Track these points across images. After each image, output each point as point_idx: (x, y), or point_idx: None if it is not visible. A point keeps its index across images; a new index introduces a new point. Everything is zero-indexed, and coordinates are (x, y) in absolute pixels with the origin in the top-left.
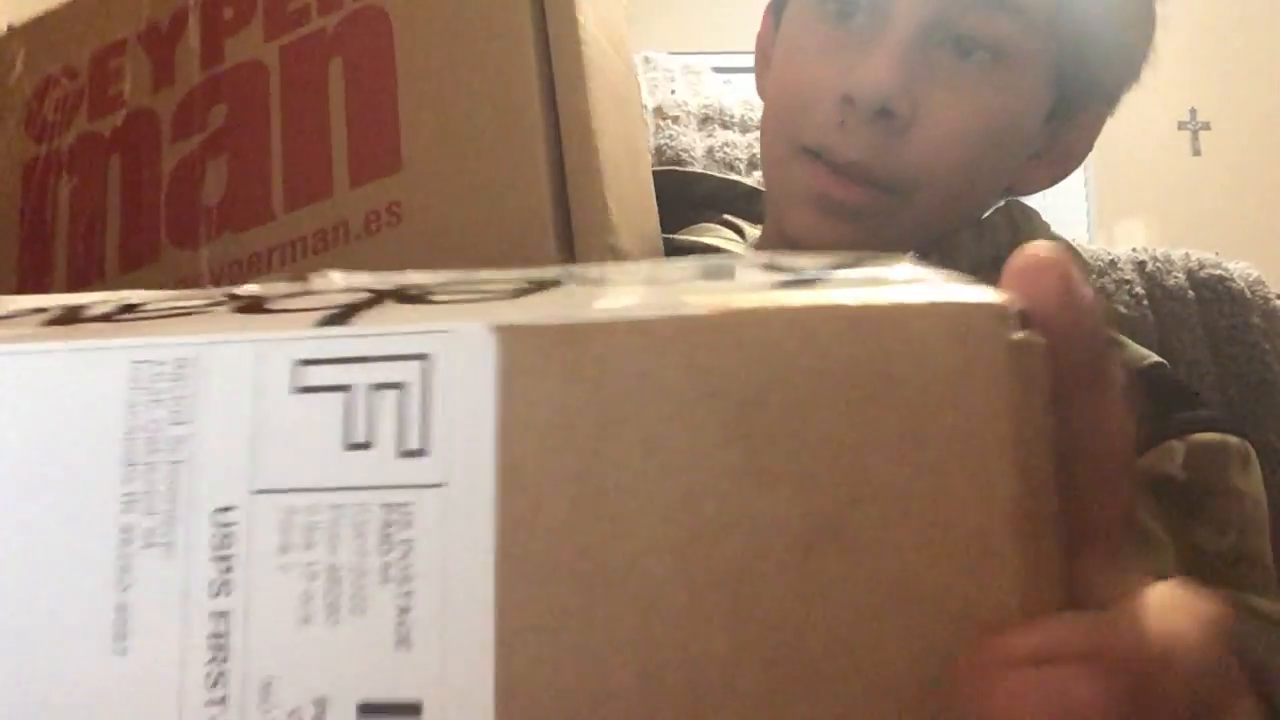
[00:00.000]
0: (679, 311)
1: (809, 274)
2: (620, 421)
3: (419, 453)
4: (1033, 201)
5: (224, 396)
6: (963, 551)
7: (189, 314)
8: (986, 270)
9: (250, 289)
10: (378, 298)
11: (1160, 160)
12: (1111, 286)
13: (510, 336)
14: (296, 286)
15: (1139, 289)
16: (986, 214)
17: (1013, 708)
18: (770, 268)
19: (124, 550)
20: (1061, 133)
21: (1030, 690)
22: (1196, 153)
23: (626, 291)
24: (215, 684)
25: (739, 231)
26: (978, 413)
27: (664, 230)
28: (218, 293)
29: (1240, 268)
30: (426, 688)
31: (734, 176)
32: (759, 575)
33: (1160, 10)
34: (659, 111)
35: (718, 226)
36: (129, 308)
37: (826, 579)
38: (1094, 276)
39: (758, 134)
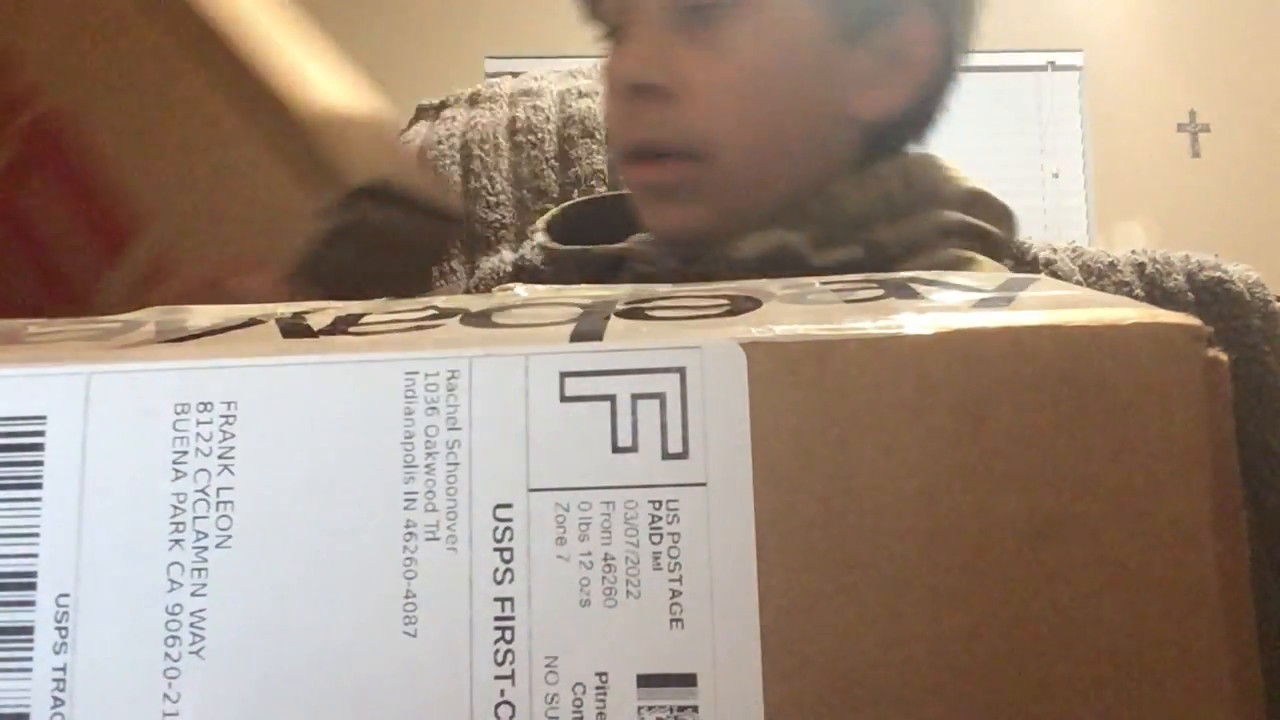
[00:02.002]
0: (906, 331)
1: (991, 293)
2: (861, 427)
3: (681, 455)
4: (1032, 202)
5: (496, 405)
6: (1168, 540)
7: (420, 327)
8: (880, 221)
9: (454, 301)
10: (602, 311)
11: (1160, 162)
12: (1111, 289)
13: (758, 351)
14: (495, 301)
15: (1138, 291)
16: (876, 162)
17: None
18: (956, 287)
19: (408, 543)
20: (881, 47)
21: None
22: (1196, 155)
23: (836, 310)
24: (503, 661)
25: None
26: (1179, 420)
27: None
28: (421, 303)
29: (1240, 270)
30: (700, 661)
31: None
32: (993, 561)
33: None
34: None
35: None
36: (350, 318)
37: (1052, 564)
38: (1093, 279)
39: None
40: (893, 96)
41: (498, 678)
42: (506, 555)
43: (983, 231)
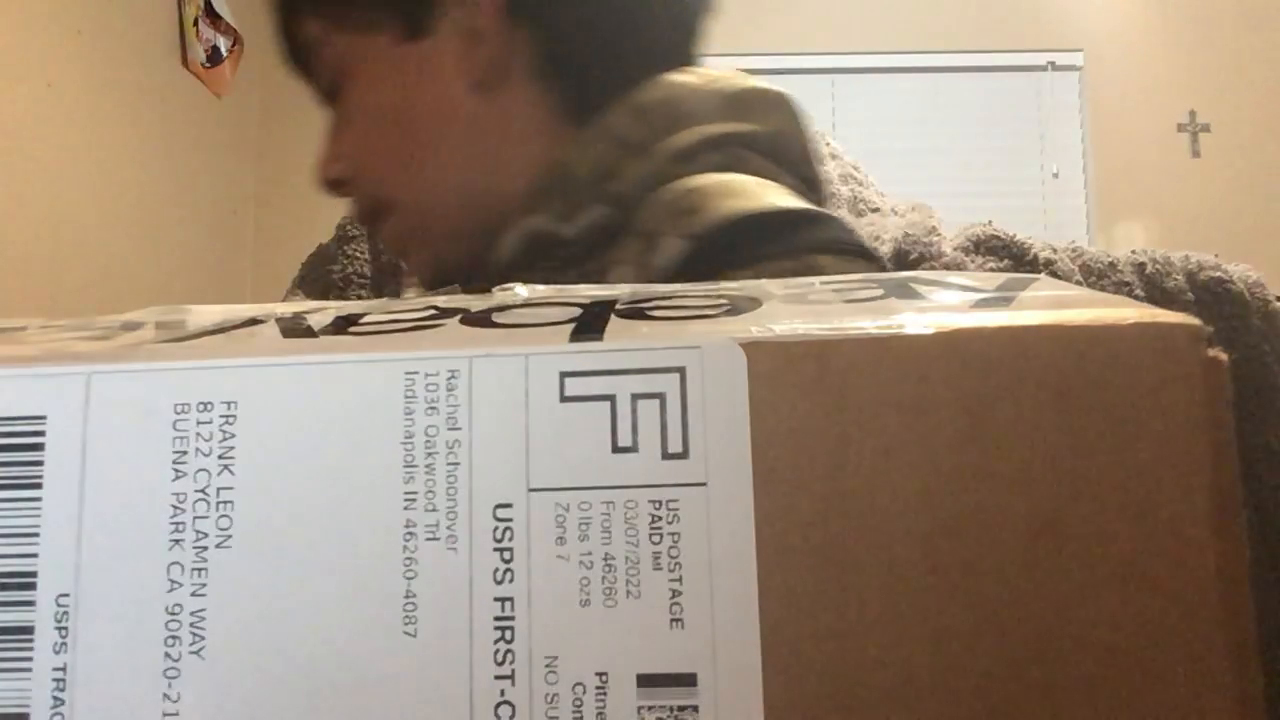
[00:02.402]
0: (906, 331)
1: (992, 293)
2: (861, 427)
3: (681, 455)
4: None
5: (496, 405)
6: (1168, 540)
7: (420, 327)
8: (617, 171)
9: (454, 301)
10: (601, 311)
11: (1160, 162)
12: (1111, 289)
13: (758, 351)
14: (494, 300)
15: (1139, 291)
16: (601, 113)
17: None
18: (956, 287)
19: (408, 543)
20: (455, 29)
21: None
22: (1196, 155)
23: (836, 310)
24: (503, 661)
25: None
26: (1178, 420)
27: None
28: (421, 303)
29: (1240, 270)
30: (700, 662)
31: None
32: (993, 561)
33: None
34: None
35: None
36: (351, 318)
37: (1051, 564)
38: (1093, 279)
39: None
40: (481, 57)
41: (498, 678)
42: (506, 555)
43: (741, 134)
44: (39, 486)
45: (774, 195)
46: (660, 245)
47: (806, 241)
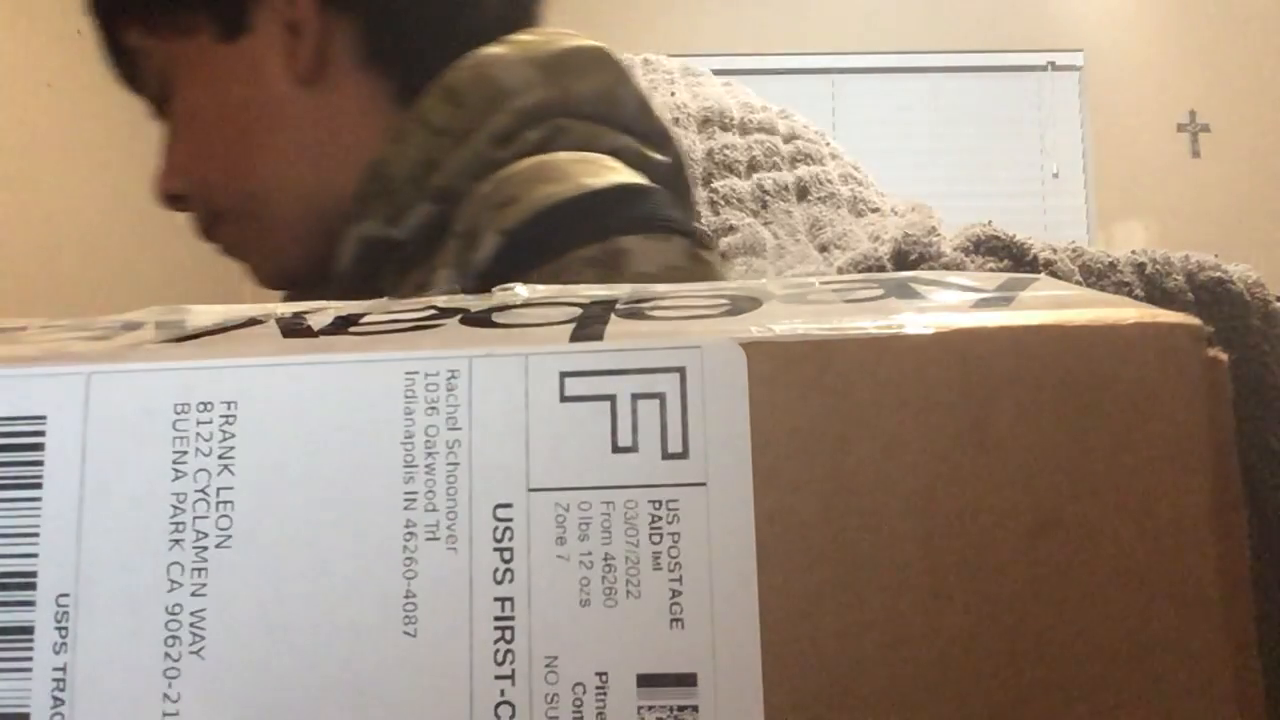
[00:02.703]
0: (906, 331)
1: (992, 293)
2: (861, 427)
3: (681, 455)
4: (1032, 202)
5: (496, 405)
6: (1168, 539)
7: (420, 327)
8: (438, 163)
9: (454, 301)
10: (601, 311)
11: (1160, 162)
12: (1111, 289)
13: (758, 351)
14: (494, 300)
15: (1139, 291)
16: (414, 104)
17: None
18: (956, 287)
19: (408, 543)
20: (273, 24)
21: None
22: (1196, 154)
23: (836, 310)
24: (503, 661)
25: None
26: (1179, 420)
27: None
28: (421, 303)
29: (1240, 270)
30: (700, 661)
31: None
32: (994, 561)
33: None
34: None
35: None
36: (351, 318)
37: (1052, 563)
38: (1093, 279)
39: (758, 136)
40: (303, 50)
41: (498, 678)
42: (506, 555)
43: (561, 102)
44: (39, 486)
45: (588, 173)
46: (480, 243)
47: (614, 224)
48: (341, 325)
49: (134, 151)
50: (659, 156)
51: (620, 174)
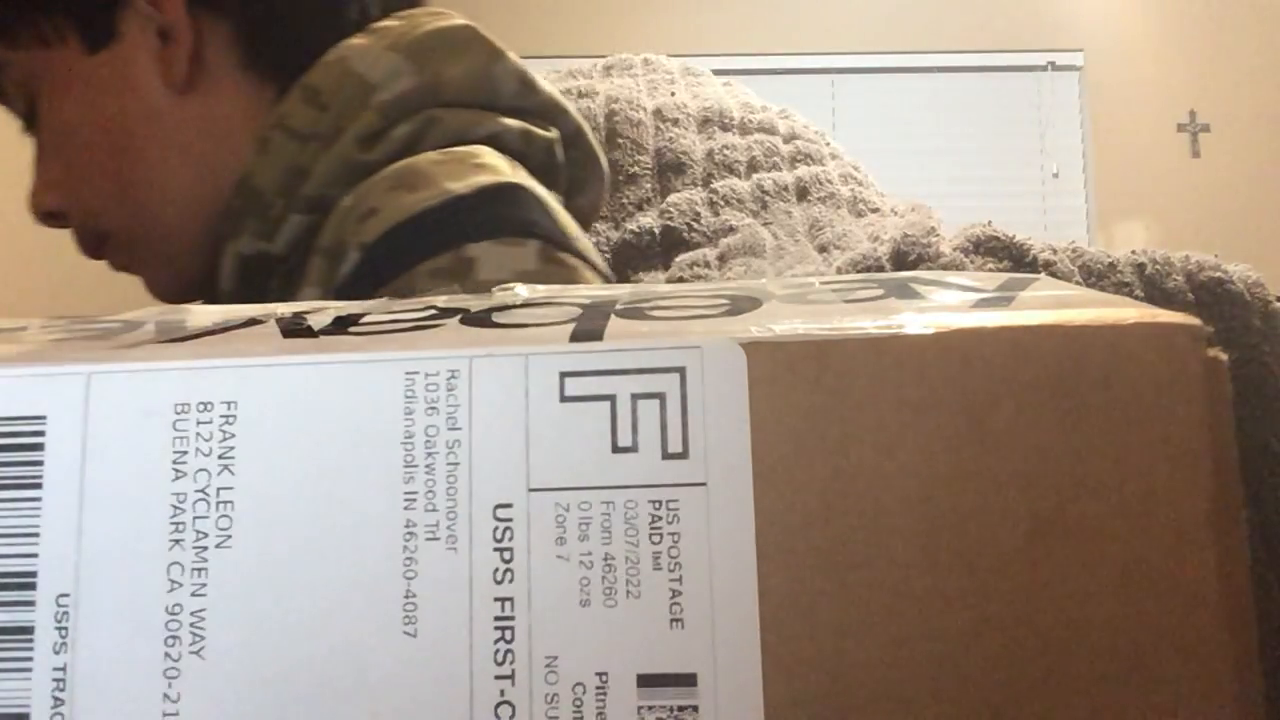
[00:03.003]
0: (906, 331)
1: (992, 293)
2: (860, 427)
3: (681, 455)
4: (1032, 202)
5: (496, 405)
6: (1169, 540)
7: (420, 327)
8: (307, 171)
9: (454, 301)
10: (601, 311)
11: (1160, 162)
12: (1111, 290)
13: (758, 351)
14: (495, 301)
15: (1138, 292)
16: (310, 78)
17: None
18: (956, 287)
19: (408, 543)
20: (139, 29)
21: None
22: (1196, 154)
23: (836, 310)
24: (503, 661)
25: None
26: (1179, 421)
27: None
28: (421, 303)
29: (1240, 270)
30: (700, 661)
31: None
32: (993, 561)
33: None
34: (658, 114)
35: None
36: (350, 318)
37: (1052, 564)
38: (1093, 280)
39: (758, 136)
40: (176, 56)
41: (498, 678)
42: (506, 555)
43: (430, 89)
44: (39, 486)
45: (452, 175)
46: (344, 259)
47: (468, 230)
48: (341, 325)
49: None
50: (545, 133)
51: (486, 172)
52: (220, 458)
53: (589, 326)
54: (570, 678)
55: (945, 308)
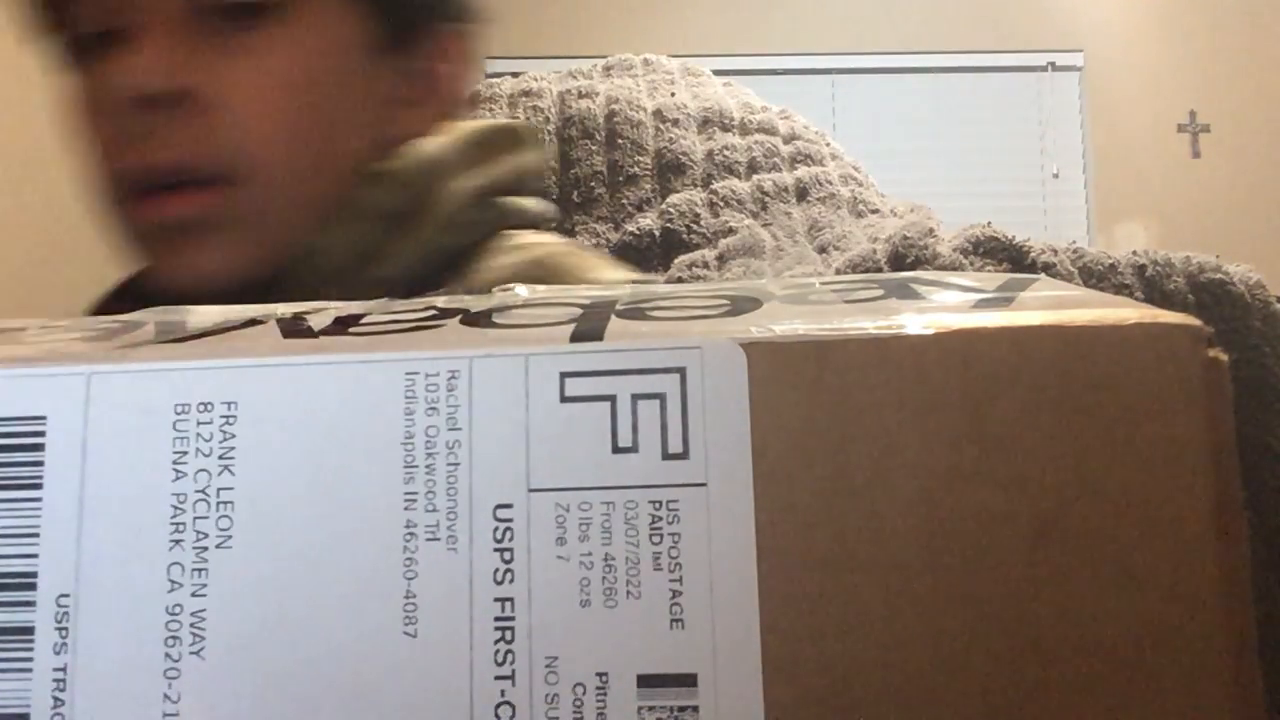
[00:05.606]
0: (906, 331)
1: (992, 293)
2: (861, 427)
3: (681, 455)
4: (1032, 202)
5: (496, 405)
6: (1169, 541)
7: (420, 327)
8: (389, 221)
9: (454, 301)
10: (601, 311)
11: (1160, 163)
12: (1111, 292)
13: (758, 351)
14: (495, 301)
15: (1138, 294)
16: (387, 163)
17: None
18: (956, 287)
19: (408, 544)
20: (413, 65)
21: None
22: (1196, 155)
23: (836, 310)
24: (503, 661)
25: None
26: (1180, 421)
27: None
28: (421, 303)
29: (1240, 271)
30: (700, 662)
31: None
32: (993, 562)
33: None
34: (658, 114)
35: None
36: (351, 319)
37: (1052, 565)
38: (1093, 281)
39: (758, 137)
40: (431, 115)
41: (498, 678)
42: (506, 555)
43: (502, 181)
44: (39, 486)
45: (589, 267)
46: None
47: None
48: (341, 325)
49: None
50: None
51: (611, 268)
52: (220, 458)
53: (589, 327)
54: (570, 678)
55: (945, 308)
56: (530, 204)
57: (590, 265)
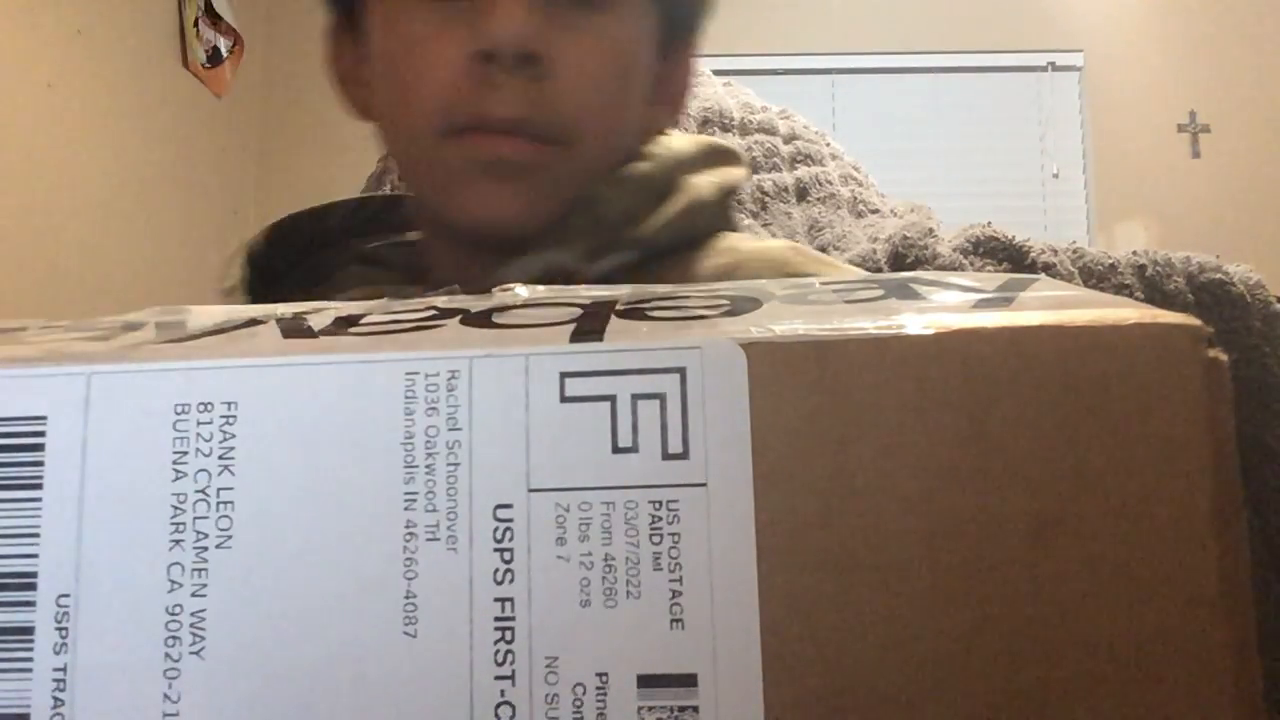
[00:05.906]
0: (906, 331)
1: (992, 293)
2: (861, 427)
3: (681, 455)
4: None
5: (496, 405)
6: (1169, 540)
7: (420, 328)
8: (650, 193)
9: (454, 301)
10: (601, 311)
11: (1160, 163)
12: (1111, 292)
13: (758, 351)
14: (494, 301)
15: (1139, 294)
16: (647, 148)
17: None
18: (956, 287)
19: (408, 544)
20: (665, 72)
21: None
22: (1196, 155)
23: (836, 311)
24: (503, 661)
25: (380, 261)
26: (1179, 421)
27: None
28: (422, 304)
29: (1240, 271)
30: (700, 662)
31: (366, 194)
32: (994, 561)
33: None
34: None
35: (361, 272)
36: (351, 319)
37: (1052, 564)
38: (1093, 281)
39: (758, 137)
40: (666, 119)
41: (498, 678)
42: (506, 555)
43: (730, 185)
44: (39, 487)
45: (826, 264)
46: None
47: None
48: (342, 326)
49: (134, 152)
50: None
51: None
52: (220, 458)
53: (589, 327)
54: (570, 678)
55: (945, 308)
56: (740, 211)
57: (814, 260)
